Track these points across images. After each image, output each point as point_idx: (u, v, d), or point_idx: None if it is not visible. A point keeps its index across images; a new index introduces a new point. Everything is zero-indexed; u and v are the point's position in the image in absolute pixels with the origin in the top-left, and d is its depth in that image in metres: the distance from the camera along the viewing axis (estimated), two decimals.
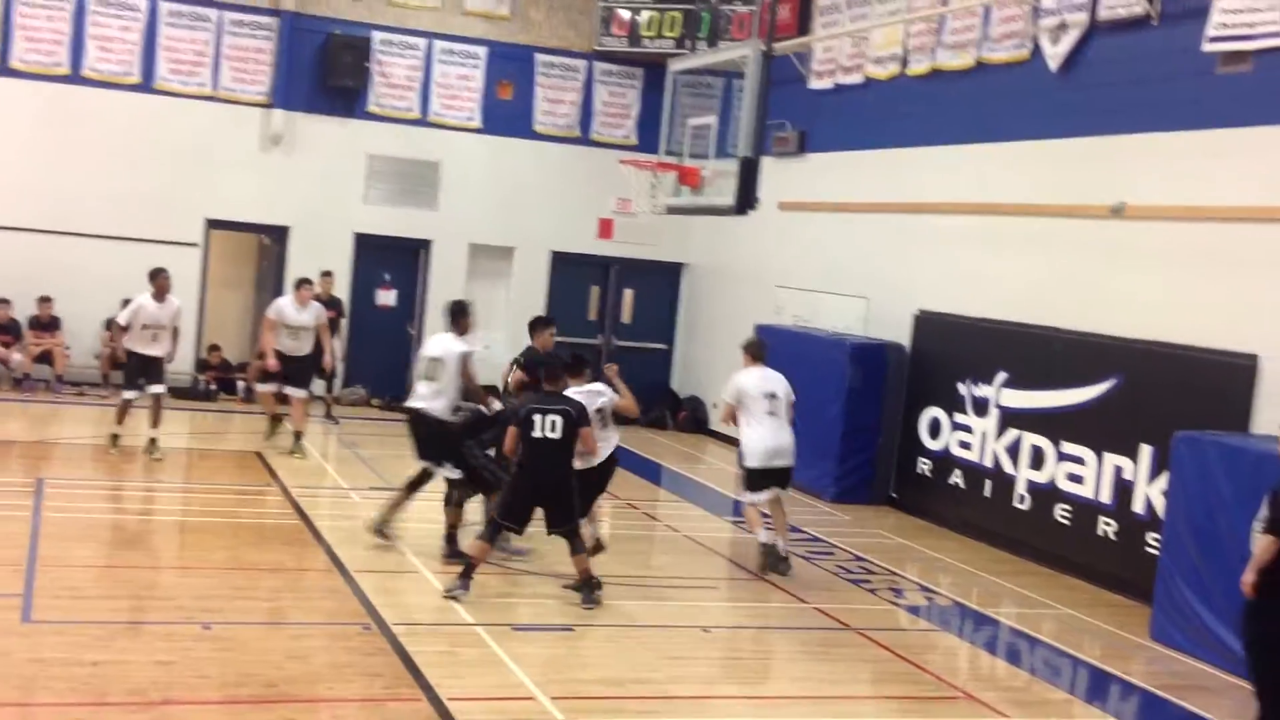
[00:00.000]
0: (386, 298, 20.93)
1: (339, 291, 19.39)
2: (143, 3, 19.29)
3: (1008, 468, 14.14)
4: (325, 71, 19.90)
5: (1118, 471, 12.67)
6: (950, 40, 15.72)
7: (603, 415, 11.06)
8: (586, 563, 10.56)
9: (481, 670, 8.80)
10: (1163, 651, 10.72)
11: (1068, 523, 13.25)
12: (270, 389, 15.90)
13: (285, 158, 20.02)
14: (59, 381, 18.83)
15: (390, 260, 20.91)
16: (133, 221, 19.13)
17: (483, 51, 20.82)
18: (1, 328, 18.68)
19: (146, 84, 19.39)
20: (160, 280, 14.78)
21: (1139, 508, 12.37)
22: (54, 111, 18.95)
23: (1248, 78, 11.84)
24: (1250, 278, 11.64)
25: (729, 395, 12.25)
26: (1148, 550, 12.02)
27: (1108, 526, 12.74)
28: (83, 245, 18.99)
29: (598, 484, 11.23)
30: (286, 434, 15.84)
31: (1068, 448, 13.33)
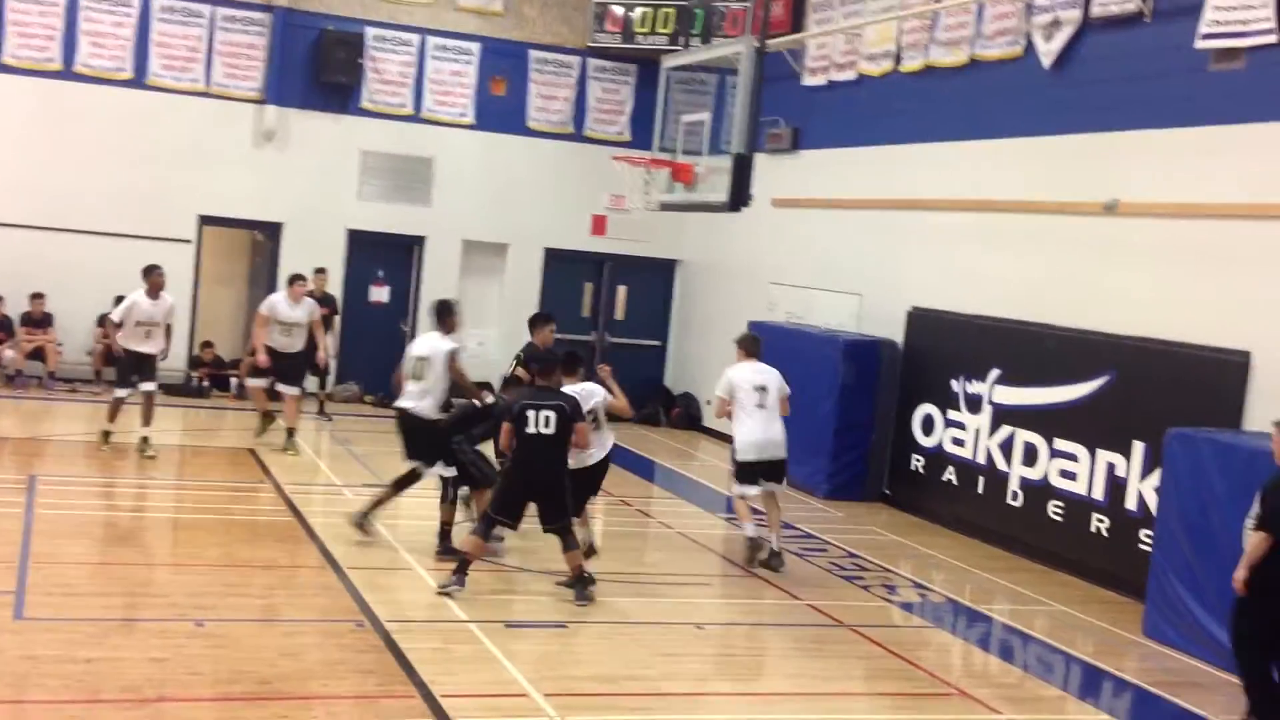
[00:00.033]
0: (380, 294, 20.91)
1: (333, 288, 19.39)
2: None
3: (1001, 464, 14.16)
4: (318, 67, 19.86)
5: (1110, 468, 12.68)
6: (943, 37, 15.72)
7: (595, 416, 11.05)
8: (579, 559, 10.56)
9: (475, 667, 8.81)
10: (1155, 648, 10.74)
11: (1061, 519, 13.27)
12: (261, 384, 15.90)
13: (278, 154, 20.00)
14: (51, 378, 18.80)
15: (383, 257, 20.88)
16: (125, 218, 19.11)
17: (476, 48, 20.80)
18: None
19: (139, 80, 19.34)
20: (155, 277, 14.76)
21: (1132, 504, 12.39)
22: (46, 107, 18.91)
23: (1240, 75, 11.86)
24: (1243, 274, 11.65)
25: (721, 389, 12.40)
26: (1140, 547, 12.04)
27: (1100, 523, 12.76)
28: (75, 241, 18.95)
29: (590, 484, 11.23)
30: (277, 431, 15.81)
31: (1061, 444, 13.34)
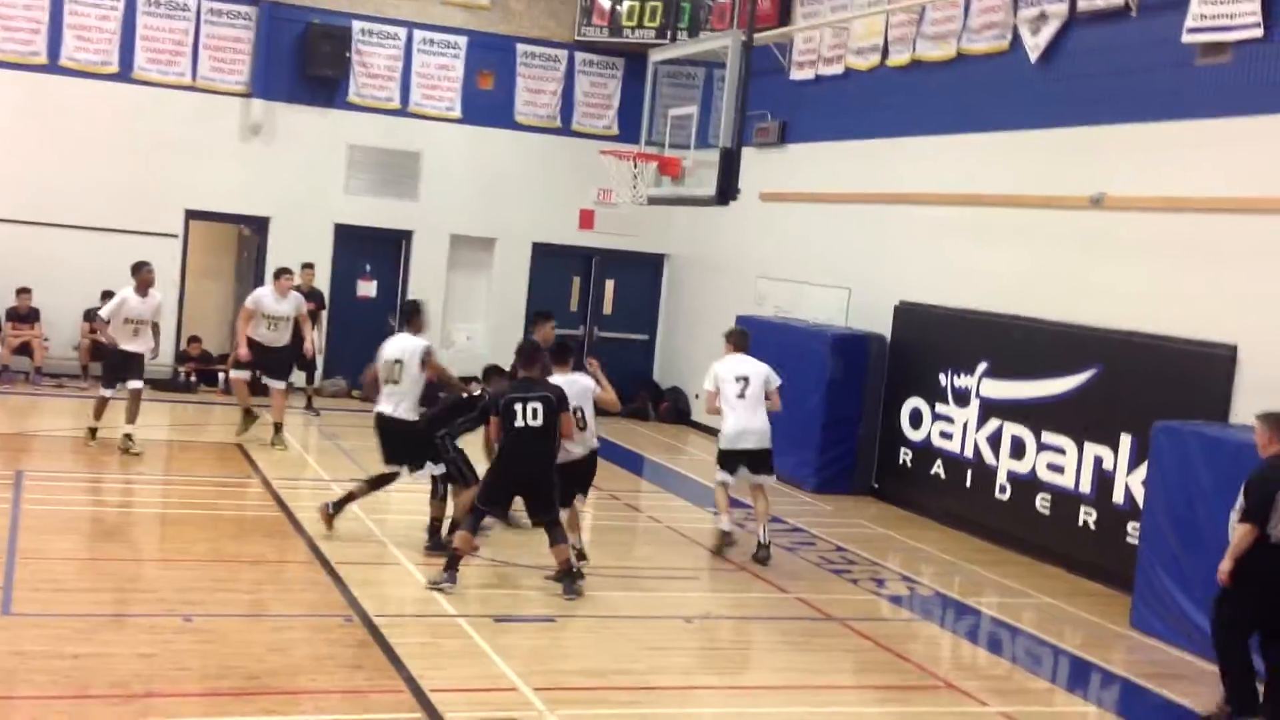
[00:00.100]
0: (367, 289, 20.87)
1: (320, 283, 19.34)
2: None
3: (989, 458, 14.18)
4: (305, 61, 19.80)
5: (1098, 461, 12.71)
6: (930, 31, 15.73)
7: (581, 413, 10.97)
8: (567, 553, 10.55)
9: (463, 661, 8.80)
10: (1143, 640, 10.77)
11: (1048, 512, 13.30)
12: (244, 376, 15.82)
13: (265, 148, 19.94)
14: (38, 373, 18.74)
15: (371, 251, 20.85)
16: (112, 212, 19.04)
17: (463, 41, 20.76)
18: None
19: (125, 74, 19.27)
20: (144, 274, 14.66)
21: (1119, 497, 12.42)
22: (31, 101, 18.83)
23: (1227, 69, 11.88)
24: (1229, 268, 11.68)
25: (708, 382, 12.52)
26: (1128, 540, 12.07)
27: (1088, 516, 12.79)
28: (61, 236, 18.88)
29: (575, 481, 11.05)
30: (262, 426, 15.75)
31: (1048, 438, 13.37)
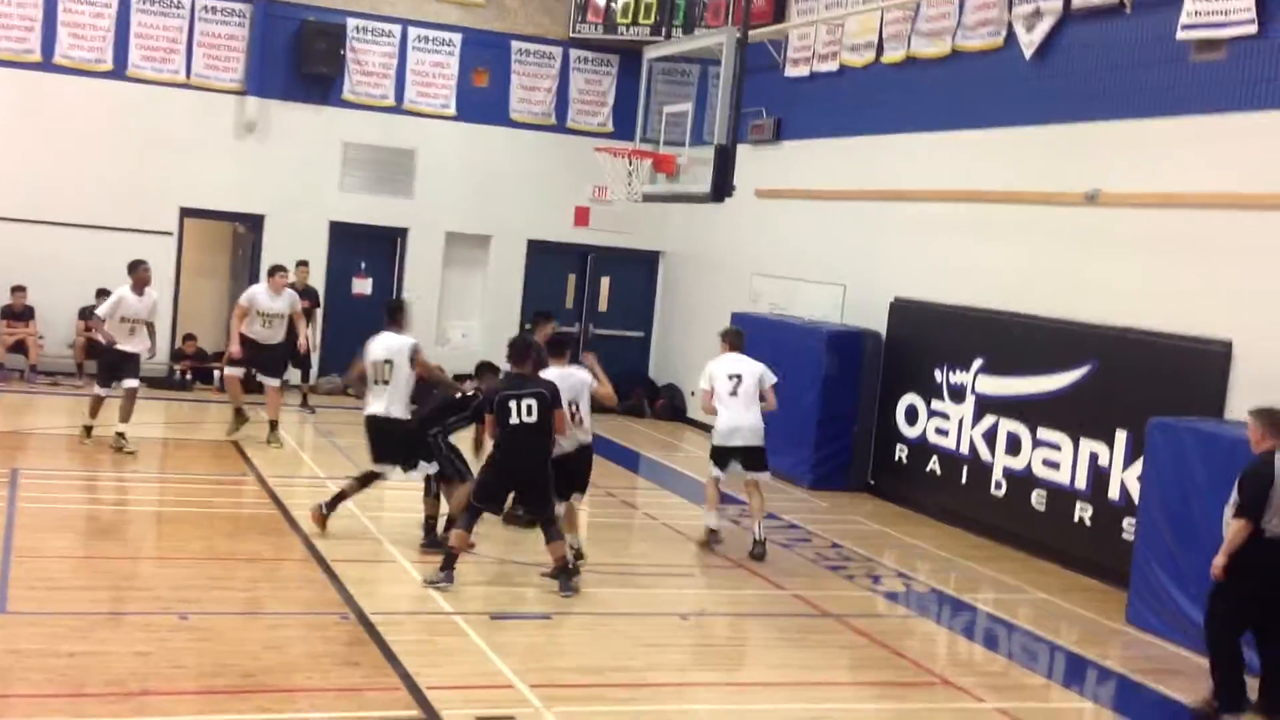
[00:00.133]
0: (362, 286, 20.85)
1: (315, 280, 19.33)
2: None
3: (984, 454, 14.19)
4: (299, 58, 19.78)
5: (1093, 457, 12.72)
6: (925, 28, 15.73)
7: (576, 407, 10.94)
8: (563, 550, 10.54)
9: (460, 659, 8.81)
10: (1138, 636, 10.78)
11: (1044, 508, 13.31)
12: (238, 374, 15.78)
13: (259, 145, 19.92)
14: (33, 371, 18.72)
15: (366, 249, 20.83)
16: (106, 210, 19.01)
17: (457, 38, 20.75)
18: None
19: (119, 71, 19.25)
20: (141, 273, 14.60)
21: (1115, 493, 12.43)
22: (26, 99, 18.80)
23: (1221, 65, 11.88)
24: (1224, 264, 11.69)
25: (703, 381, 12.61)
26: (1123, 535, 12.08)
27: (1084, 512, 12.80)
28: (56, 234, 18.84)
29: (567, 478, 10.96)
30: (253, 426, 15.73)
31: (1044, 434, 13.37)
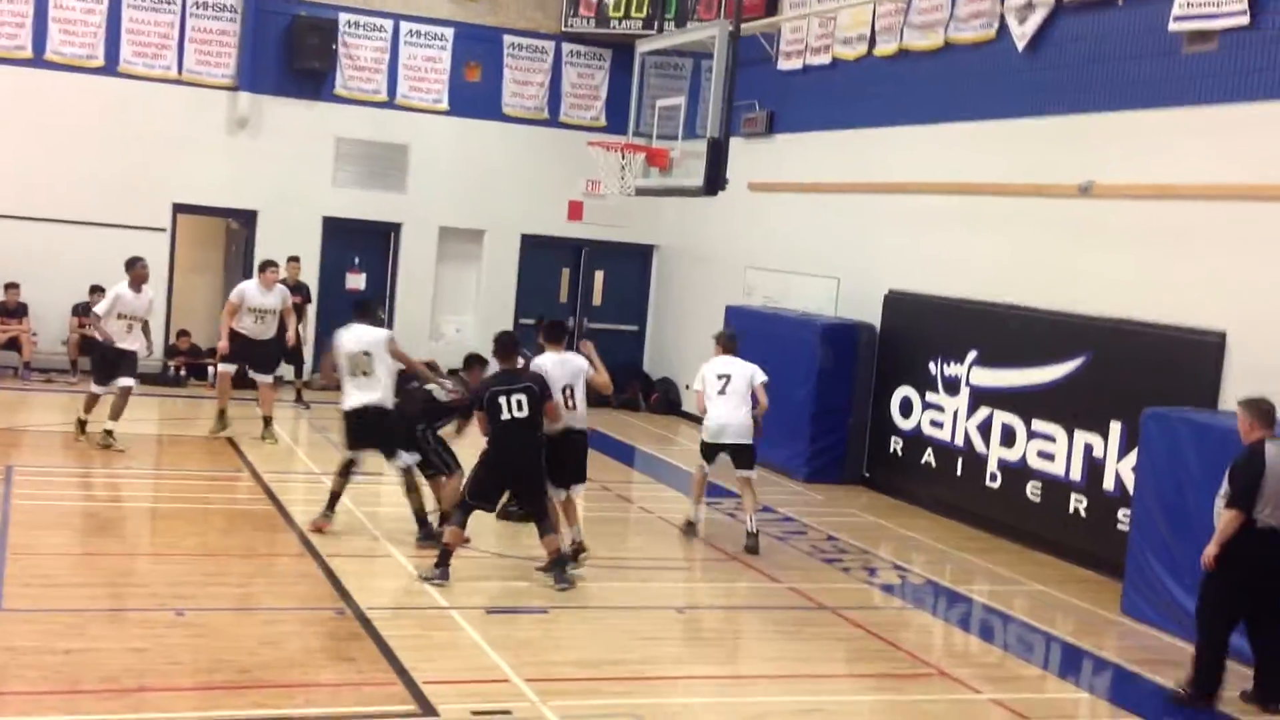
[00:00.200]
0: (356, 281, 20.83)
1: (308, 277, 19.31)
2: None
3: (979, 446, 14.20)
4: (291, 54, 19.75)
5: (1088, 449, 12.74)
6: (917, 20, 15.72)
7: (572, 393, 10.87)
8: (557, 543, 10.54)
9: (456, 653, 8.81)
10: (1134, 626, 10.81)
11: (1039, 500, 13.33)
12: (230, 370, 15.71)
13: (252, 141, 19.89)
14: (26, 368, 18.68)
15: (359, 244, 20.81)
16: (99, 206, 18.97)
17: (450, 33, 20.72)
18: None
19: (111, 67, 19.20)
20: (138, 270, 14.54)
21: (1109, 484, 12.45)
22: (17, 96, 18.75)
23: (1213, 56, 11.89)
24: (1218, 255, 11.70)
25: (696, 383, 12.75)
26: (1118, 526, 12.10)
27: (1079, 503, 12.82)
28: (49, 231, 18.80)
29: (566, 462, 10.90)
30: (248, 422, 15.71)
31: (1038, 425, 13.39)
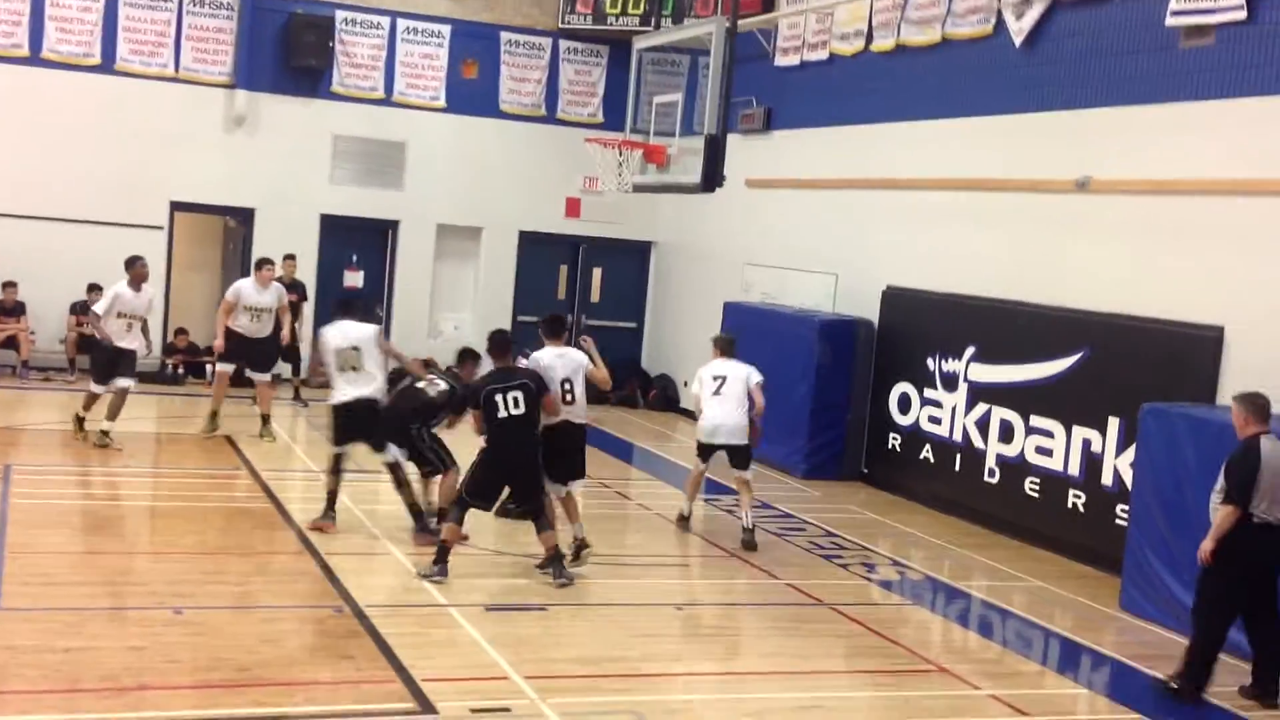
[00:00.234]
0: (354, 279, 20.81)
1: (306, 274, 19.29)
2: None
3: (977, 442, 14.20)
4: (288, 51, 19.73)
5: (1086, 444, 12.75)
6: (914, 16, 15.72)
7: (571, 387, 10.83)
8: (554, 539, 10.53)
9: (455, 651, 8.81)
10: (1132, 621, 10.82)
11: (1037, 495, 13.33)
12: (228, 370, 15.67)
13: (249, 139, 19.87)
14: (25, 367, 18.67)
15: (357, 241, 20.80)
16: (96, 205, 18.96)
17: (446, 30, 20.71)
18: None
19: (107, 65, 19.19)
20: (138, 269, 14.51)
21: (1108, 480, 12.46)
22: (14, 94, 18.73)
23: (1210, 51, 11.90)
24: (1215, 250, 11.71)
25: (693, 386, 12.84)
26: (1117, 522, 12.11)
27: (1077, 499, 12.82)
28: (46, 229, 18.80)
29: (564, 455, 10.86)
30: (246, 420, 15.70)
31: (1037, 421, 13.39)
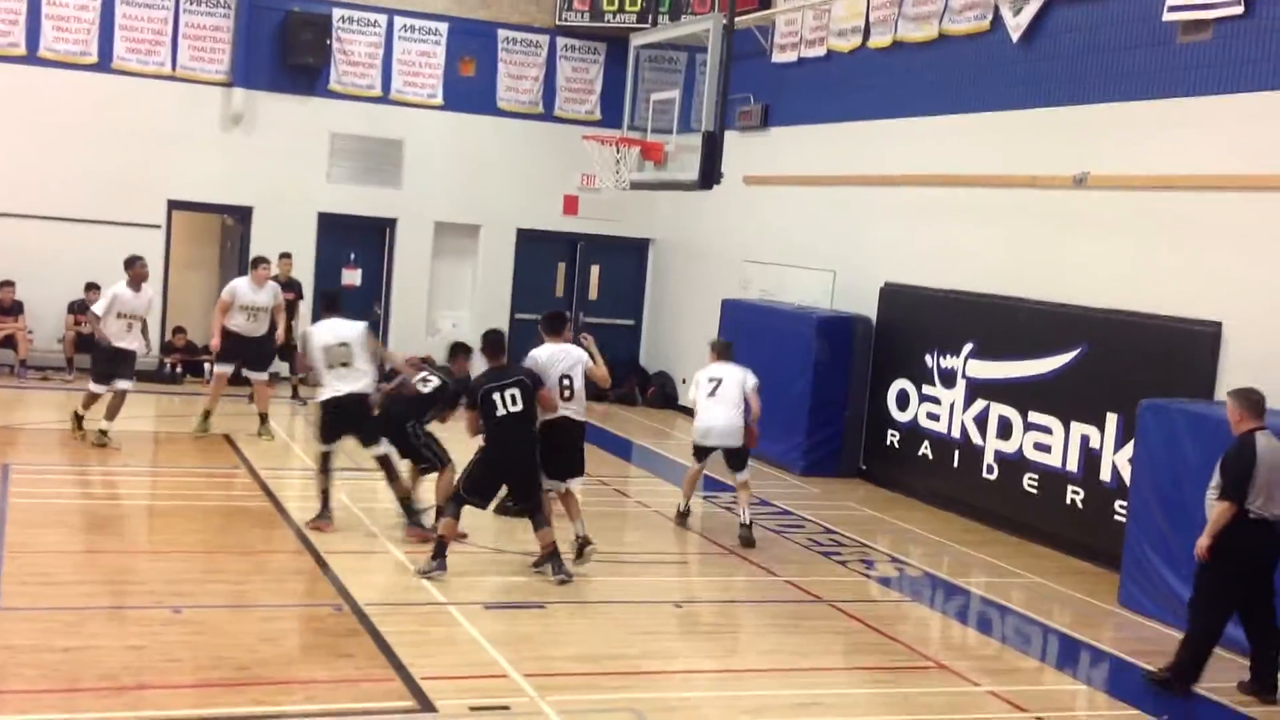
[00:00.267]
0: (352, 277, 20.80)
1: (304, 272, 19.27)
2: None
3: (976, 438, 14.21)
4: (285, 49, 19.71)
5: (1085, 440, 12.75)
6: (911, 12, 15.71)
7: (570, 383, 10.81)
8: (551, 537, 10.52)
9: (454, 649, 8.81)
10: (1131, 617, 10.83)
11: (1036, 492, 13.34)
12: (227, 371, 15.63)
13: (246, 137, 19.86)
14: (23, 366, 18.65)
15: (355, 240, 20.79)
16: (94, 204, 18.95)
17: (444, 28, 20.69)
18: None
19: (104, 64, 19.16)
20: (138, 268, 14.46)
21: (1106, 476, 12.46)
22: (11, 93, 18.71)
23: (1207, 46, 11.89)
24: (1213, 245, 11.71)
25: (691, 390, 12.93)
26: (1115, 518, 12.11)
27: (1075, 495, 12.83)
28: (44, 228, 18.78)
29: (561, 451, 10.82)
30: (244, 419, 15.70)
31: (1035, 417, 13.40)
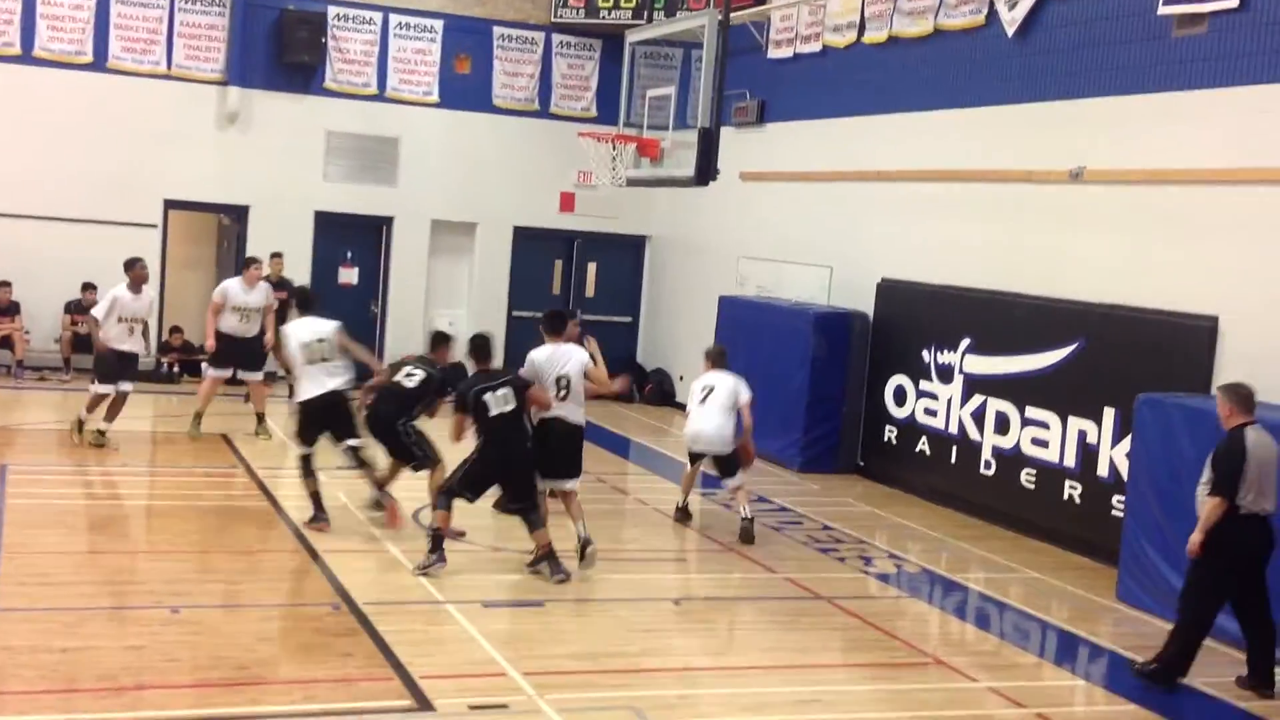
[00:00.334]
0: (348, 276, 20.80)
1: (301, 271, 19.26)
2: None
3: (973, 434, 14.21)
4: (280, 48, 19.69)
5: (1082, 435, 12.75)
6: (907, 7, 15.70)
7: (567, 384, 10.77)
8: (547, 536, 10.50)
9: (453, 647, 8.81)
10: (1129, 612, 10.83)
11: (1033, 487, 13.34)
12: (223, 375, 15.58)
13: (242, 136, 19.84)
14: (20, 367, 18.65)
15: (351, 238, 20.78)
16: (90, 203, 18.94)
17: (439, 25, 20.68)
18: None
19: (99, 63, 19.15)
20: (138, 270, 14.43)
21: (1103, 471, 12.47)
22: (5, 92, 18.70)
23: (1203, 40, 11.90)
24: (1210, 240, 11.71)
25: (689, 397, 12.99)
26: (1113, 512, 12.12)
27: (1073, 490, 12.83)
28: (40, 228, 18.77)
29: (558, 452, 10.82)
30: (242, 418, 15.70)
31: (1032, 412, 13.40)
